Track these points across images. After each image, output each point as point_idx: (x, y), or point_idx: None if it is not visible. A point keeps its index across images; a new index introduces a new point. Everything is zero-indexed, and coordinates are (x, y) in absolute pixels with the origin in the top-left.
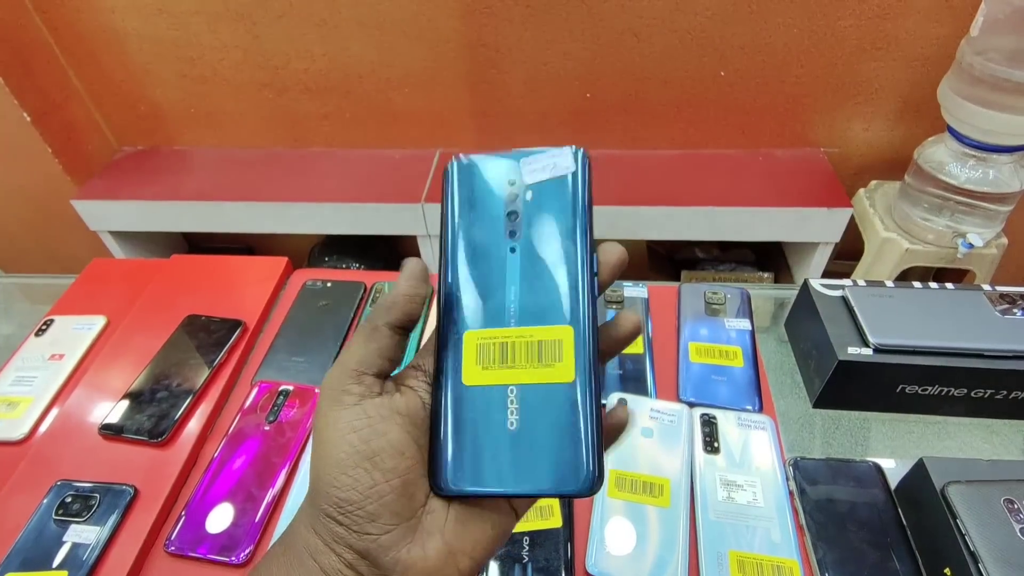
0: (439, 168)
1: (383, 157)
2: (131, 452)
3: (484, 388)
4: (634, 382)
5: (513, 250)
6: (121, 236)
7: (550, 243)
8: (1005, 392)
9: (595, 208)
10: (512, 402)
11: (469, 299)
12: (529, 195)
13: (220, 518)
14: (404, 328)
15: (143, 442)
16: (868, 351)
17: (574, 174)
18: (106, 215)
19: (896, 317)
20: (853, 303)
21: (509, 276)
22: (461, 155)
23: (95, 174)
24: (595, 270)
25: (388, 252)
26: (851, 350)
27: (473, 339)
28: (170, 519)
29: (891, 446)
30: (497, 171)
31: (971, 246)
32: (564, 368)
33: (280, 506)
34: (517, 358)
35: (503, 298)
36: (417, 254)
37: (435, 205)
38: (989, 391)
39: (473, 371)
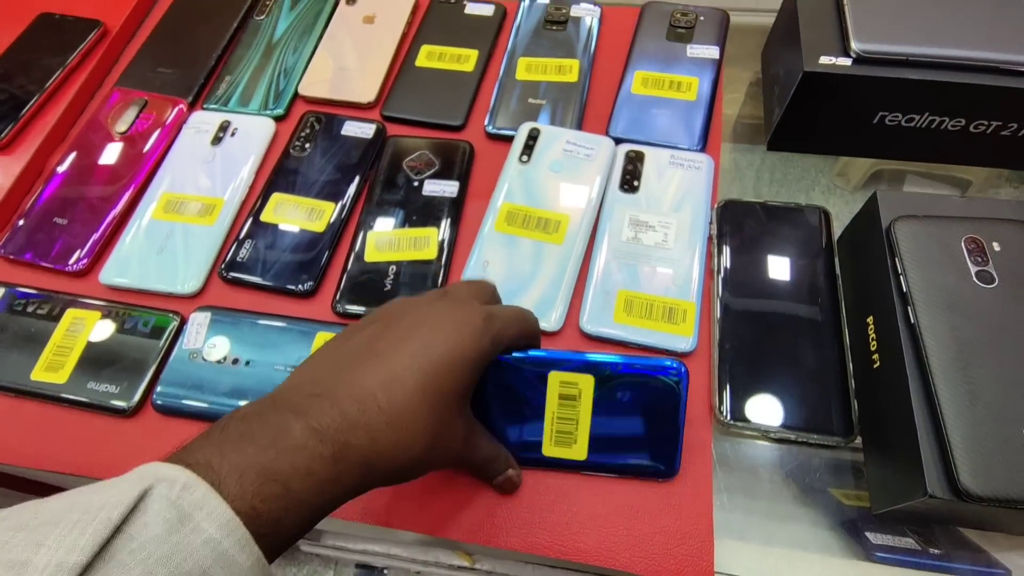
0: None
1: None
2: None
3: None
4: (559, 115)
5: None
6: None
7: None
8: (1015, 126)
9: None
10: None
11: None
12: None
13: (59, 227)
14: None
15: None
16: (846, 61)
17: None
18: None
19: (899, 18)
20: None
21: None
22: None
23: None
24: None
25: None
26: (824, 59)
27: None
28: (8, 225)
29: (852, 200)
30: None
31: None
32: None
33: (127, 219)
34: None
35: None
36: None
37: None
38: (994, 123)
39: None
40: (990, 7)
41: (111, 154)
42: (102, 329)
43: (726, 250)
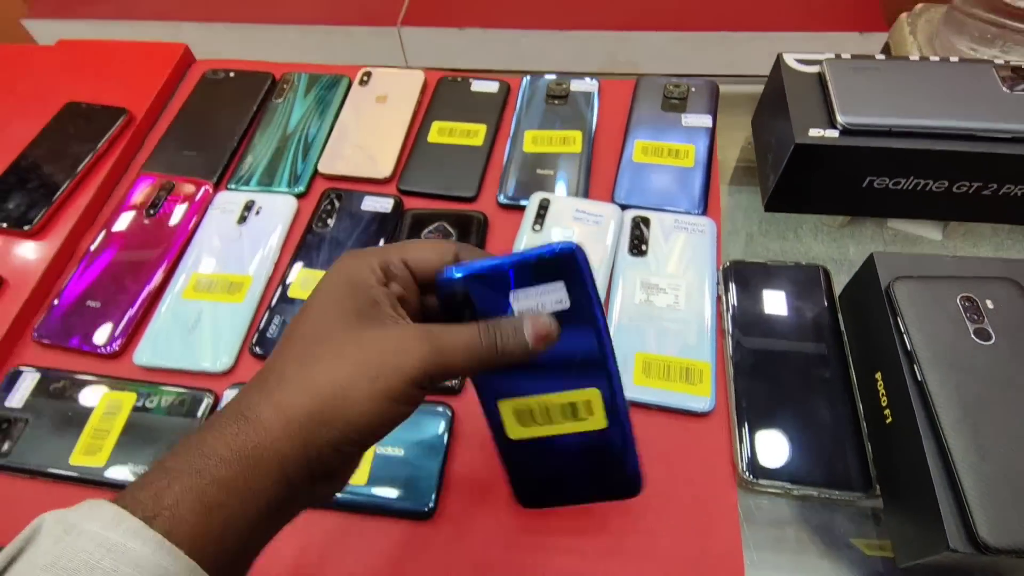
0: None
1: None
2: None
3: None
4: (565, 184)
5: None
6: None
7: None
8: (995, 186)
9: (590, 33)
10: None
11: None
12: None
13: (92, 310)
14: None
15: (10, 231)
16: (834, 133)
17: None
18: (61, 35)
19: (878, 93)
20: (828, 77)
21: None
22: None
23: None
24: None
25: None
26: (813, 132)
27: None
28: (41, 310)
29: (848, 256)
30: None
31: None
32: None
33: (157, 300)
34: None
35: None
36: None
37: (413, 29)
38: (974, 184)
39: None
40: (962, 81)
41: (141, 236)
42: (139, 410)
43: (734, 310)
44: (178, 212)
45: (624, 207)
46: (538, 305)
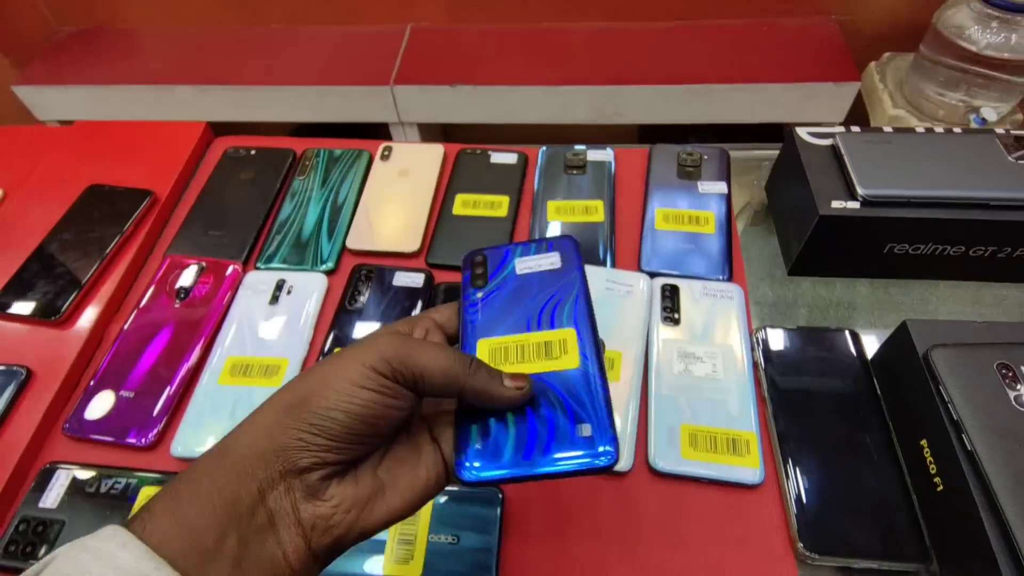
0: (410, 46)
1: (347, 34)
2: (25, 332)
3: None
4: (591, 253)
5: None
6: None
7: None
8: (1009, 249)
9: (581, 88)
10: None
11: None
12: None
13: (125, 400)
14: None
15: (37, 320)
16: (855, 204)
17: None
18: (52, 102)
19: (892, 165)
20: (843, 151)
21: None
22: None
23: (35, 57)
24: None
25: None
26: (835, 204)
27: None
28: (71, 402)
29: (871, 319)
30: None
31: (984, 121)
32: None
33: (191, 388)
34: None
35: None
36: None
37: (406, 87)
38: (990, 248)
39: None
40: (968, 150)
41: (172, 321)
42: None
43: (772, 377)
44: (209, 294)
45: (652, 275)
46: (536, 264)
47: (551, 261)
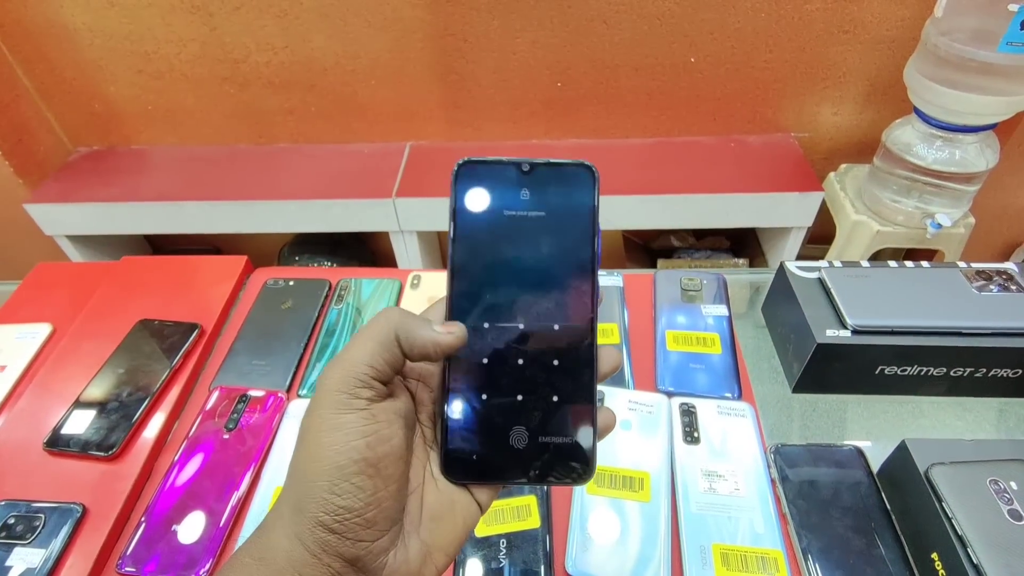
0: (410, 162)
1: (351, 152)
2: (79, 468)
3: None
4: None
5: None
6: (79, 240)
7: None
8: (984, 370)
9: None
10: None
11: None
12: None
13: (177, 533)
14: (410, 357)
15: (92, 456)
16: (846, 333)
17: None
18: (62, 219)
19: (873, 297)
20: (830, 285)
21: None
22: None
23: (48, 176)
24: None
25: (360, 250)
26: (829, 332)
27: None
28: (123, 537)
29: (868, 428)
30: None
31: (940, 226)
32: None
33: (241, 519)
34: None
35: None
36: (390, 251)
37: (407, 199)
38: (968, 369)
39: None
40: (938, 283)
41: (221, 453)
42: None
43: (790, 493)
44: (256, 424)
45: (668, 395)
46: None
47: None
